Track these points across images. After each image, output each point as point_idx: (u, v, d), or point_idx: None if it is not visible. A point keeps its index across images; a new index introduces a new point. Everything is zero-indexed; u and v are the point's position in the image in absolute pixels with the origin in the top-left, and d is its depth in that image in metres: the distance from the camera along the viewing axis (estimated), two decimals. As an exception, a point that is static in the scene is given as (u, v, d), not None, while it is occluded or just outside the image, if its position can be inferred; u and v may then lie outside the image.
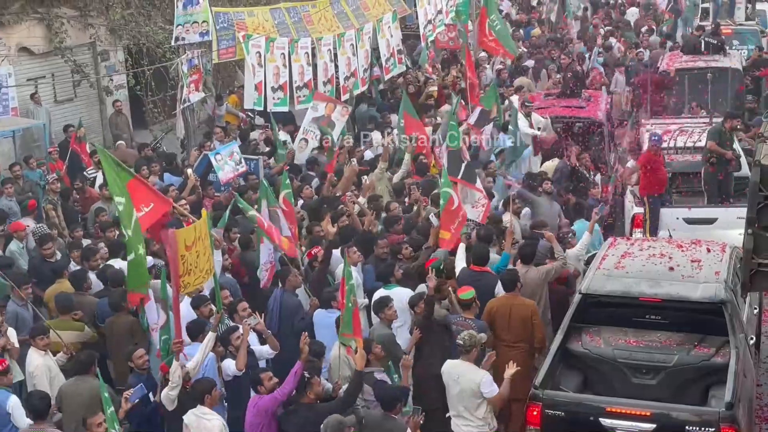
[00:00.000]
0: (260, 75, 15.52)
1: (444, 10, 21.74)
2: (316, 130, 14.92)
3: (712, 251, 9.74)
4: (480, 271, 10.10)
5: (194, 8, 14.92)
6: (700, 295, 8.79)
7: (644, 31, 25.33)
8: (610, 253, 9.83)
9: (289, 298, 10.01)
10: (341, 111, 15.38)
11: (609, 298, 9.07)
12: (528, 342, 9.41)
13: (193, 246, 7.95)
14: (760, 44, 22.33)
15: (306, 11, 17.62)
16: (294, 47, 16.18)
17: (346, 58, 17.49)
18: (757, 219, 6.47)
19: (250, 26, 15.80)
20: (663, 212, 13.01)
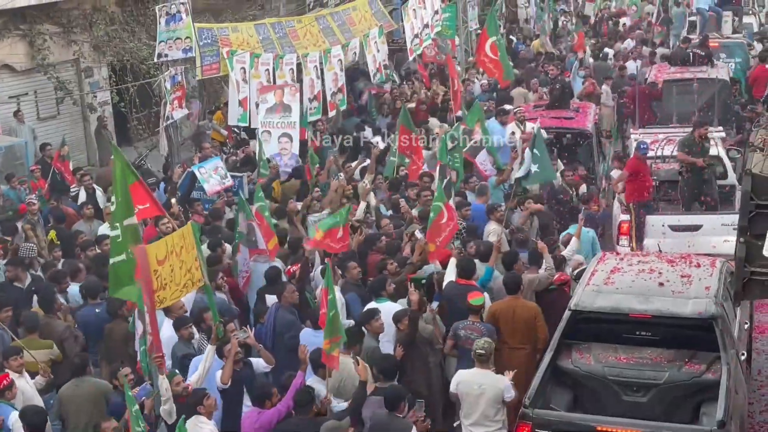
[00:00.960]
0: (245, 91, 15.46)
1: (430, 25, 21.71)
2: (276, 118, 14.95)
3: (702, 266, 9.73)
4: (466, 284, 10.08)
5: (177, 24, 14.85)
6: (691, 311, 8.78)
7: (631, 44, 25.50)
8: (599, 269, 9.81)
9: (283, 314, 9.95)
10: (290, 91, 15.37)
11: (599, 314, 9.05)
12: (531, 344, 9.53)
13: (166, 260, 7.93)
14: (747, 57, 22.55)
15: (291, 26, 17.58)
16: (279, 63, 16.08)
17: (333, 74, 17.45)
18: (749, 227, 6.53)
19: (234, 42, 15.73)
20: (649, 219, 13.15)
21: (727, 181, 14.39)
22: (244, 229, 10.70)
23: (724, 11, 25.26)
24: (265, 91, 15.30)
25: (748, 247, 6.58)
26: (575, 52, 24.70)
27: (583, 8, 33.34)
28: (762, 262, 6.51)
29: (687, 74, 18.59)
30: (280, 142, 15.16)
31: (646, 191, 13.39)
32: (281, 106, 15.31)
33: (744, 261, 6.67)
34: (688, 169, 13.63)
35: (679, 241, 12.63)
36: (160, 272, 7.85)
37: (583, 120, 16.47)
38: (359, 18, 20.02)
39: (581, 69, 21.74)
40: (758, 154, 7.11)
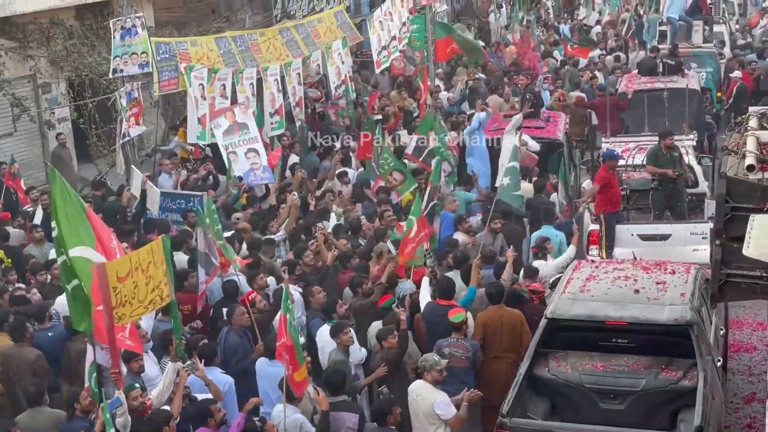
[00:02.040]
0: (204, 107, 15.27)
1: (398, 37, 21.67)
2: (236, 138, 14.93)
3: (677, 273, 9.85)
4: (447, 305, 10.04)
5: (132, 39, 14.69)
6: (667, 318, 8.90)
7: (597, 54, 25.70)
8: (575, 277, 9.92)
9: (232, 337, 9.82)
10: (241, 110, 15.32)
11: (575, 322, 9.17)
12: (515, 351, 9.65)
13: (129, 277, 7.84)
14: (718, 66, 22.75)
15: (254, 40, 17.46)
16: (239, 78, 15.93)
17: (291, 88, 17.34)
18: (725, 230, 6.66)
19: (193, 56, 15.58)
20: (618, 229, 13.31)
21: (698, 189, 14.55)
22: (203, 247, 10.55)
23: (694, 20, 25.29)
24: (215, 115, 15.22)
25: (724, 249, 6.69)
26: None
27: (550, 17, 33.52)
28: (738, 264, 6.61)
29: (658, 84, 18.77)
30: (248, 158, 15.11)
31: (615, 201, 13.50)
32: (237, 126, 15.28)
33: (720, 263, 6.79)
34: (659, 181, 13.81)
35: (648, 251, 12.78)
36: (120, 289, 7.76)
37: (554, 129, 16.63)
38: (324, 30, 19.97)
39: (545, 80, 21.91)
40: (732, 157, 7.25)
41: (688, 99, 17.42)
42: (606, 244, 13.21)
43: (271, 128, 16.72)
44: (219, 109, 15.37)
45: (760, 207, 6.36)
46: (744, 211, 6.43)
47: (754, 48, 26.01)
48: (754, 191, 6.44)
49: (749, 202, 6.44)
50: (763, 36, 27.99)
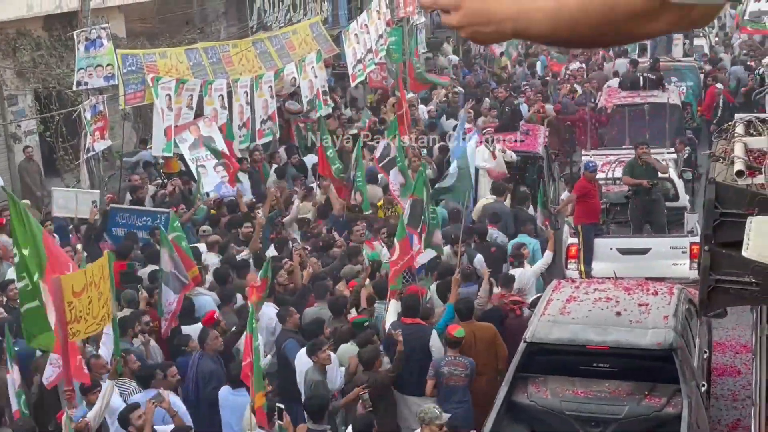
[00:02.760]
0: (170, 119, 14.82)
1: (374, 50, 21.30)
2: (203, 152, 14.74)
3: (659, 294, 9.71)
4: (412, 323, 9.77)
5: (98, 50, 14.24)
6: (650, 342, 8.73)
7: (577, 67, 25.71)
8: (554, 298, 9.73)
9: (205, 363, 9.43)
10: (205, 124, 15.10)
11: (555, 346, 8.98)
12: (492, 367, 9.57)
13: (84, 292, 7.83)
14: (699, 80, 22.74)
15: (226, 51, 17.03)
16: (208, 89, 15.50)
17: (263, 101, 16.93)
18: (714, 236, 6.58)
19: (162, 68, 15.16)
20: (597, 242, 13.13)
21: (678, 203, 14.44)
22: (167, 266, 10.36)
23: (674, 34, 25.06)
24: (180, 130, 14.95)
25: (713, 255, 6.59)
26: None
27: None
28: (727, 270, 6.52)
29: (638, 99, 18.72)
30: (218, 172, 14.88)
31: (594, 213, 13.33)
32: (201, 140, 15.06)
33: (709, 269, 6.65)
34: (635, 191, 13.72)
35: (627, 265, 12.64)
36: (75, 304, 7.73)
37: (533, 143, 16.51)
38: (299, 42, 19.60)
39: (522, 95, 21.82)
40: (720, 164, 7.29)
41: (669, 114, 17.33)
42: (584, 258, 13.02)
43: (239, 141, 16.23)
44: (183, 123, 15.09)
45: (749, 212, 6.31)
46: (733, 216, 6.45)
47: (739, 61, 25.78)
48: (743, 197, 6.48)
49: (738, 208, 6.45)
50: (741, 48, 27.85)
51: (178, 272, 10.39)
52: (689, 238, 12.94)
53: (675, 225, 14.16)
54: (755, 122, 7.79)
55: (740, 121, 7.94)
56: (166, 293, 10.33)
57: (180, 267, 10.43)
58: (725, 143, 7.64)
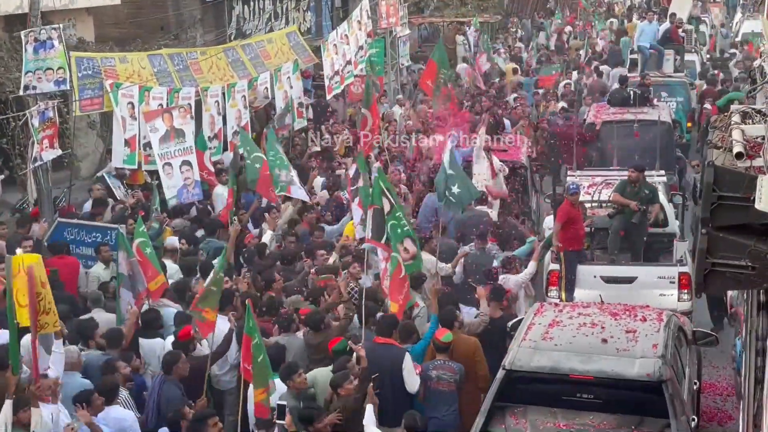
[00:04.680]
0: (133, 128, 13.88)
1: (353, 61, 20.35)
2: (172, 147, 14.04)
3: (648, 320, 9.27)
4: (384, 343, 9.35)
5: (48, 53, 13.29)
6: (638, 373, 8.31)
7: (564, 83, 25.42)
8: (536, 322, 9.28)
9: (169, 388, 8.83)
10: (180, 114, 14.33)
11: (536, 374, 8.56)
12: (473, 382, 9.31)
13: (48, 283, 7.75)
14: (689, 96, 22.30)
15: (194, 58, 16.06)
16: (174, 98, 14.50)
17: (236, 111, 16.03)
18: (711, 219, 6.57)
19: (121, 74, 14.25)
20: (580, 269, 12.55)
21: (668, 229, 13.73)
22: (125, 269, 10.05)
23: (665, 49, 24.86)
24: (151, 117, 14.10)
25: (709, 238, 6.57)
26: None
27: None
28: (723, 254, 6.54)
29: (627, 115, 18.13)
30: (183, 172, 14.17)
31: (578, 240, 12.69)
32: (173, 132, 14.27)
33: (705, 252, 6.63)
34: (618, 211, 13.25)
35: (611, 294, 11.98)
36: (44, 295, 7.64)
37: (516, 152, 16.17)
38: (275, 51, 18.74)
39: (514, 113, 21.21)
40: (717, 151, 7.29)
41: (659, 132, 16.69)
42: (566, 286, 12.43)
43: (210, 153, 15.26)
44: (156, 109, 14.34)
45: (747, 197, 6.29)
46: (731, 200, 6.44)
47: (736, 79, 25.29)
48: (741, 180, 6.45)
49: (736, 192, 6.43)
50: (736, 68, 27.10)
51: (134, 279, 10.04)
52: (678, 268, 12.39)
53: (664, 253, 13.56)
54: (751, 113, 7.76)
55: (736, 111, 7.88)
56: (125, 297, 10.01)
57: (138, 273, 10.04)
58: (720, 133, 7.60)
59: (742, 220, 6.37)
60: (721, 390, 11.38)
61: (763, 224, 6.29)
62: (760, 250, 6.20)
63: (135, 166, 14.30)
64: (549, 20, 39.58)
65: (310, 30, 24.63)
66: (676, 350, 8.96)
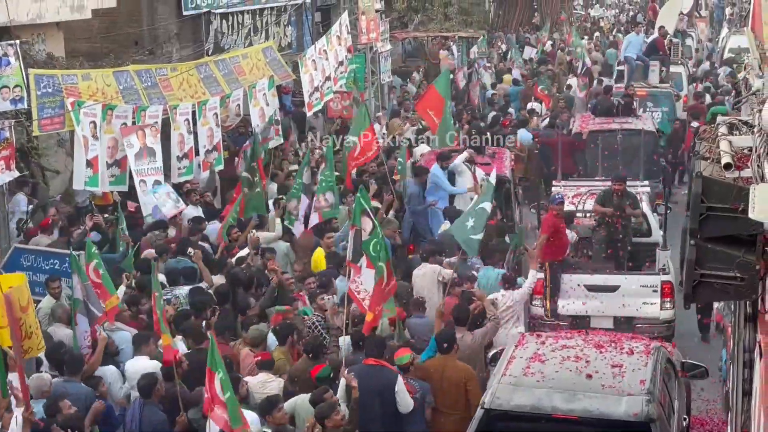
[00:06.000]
0: (95, 149, 13.19)
1: (333, 77, 19.69)
2: (145, 165, 13.64)
3: (635, 353, 8.81)
4: (376, 364, 8.96)
5: (3, 70, 12.60)
6: (624, 412, 7.91)
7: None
8: (517, 355, 8.86)
9: (151, 412, 8.53)
10: (151, 132, 13.87)
11: (516, 413, 8.13)
12: (462, 410, 8.99)
13: (29, 306, 7.85)
14: (674, 107, 22.50)
15: (164, 75, 15.34)
16: (140, 116, 13.82)
17: (207, 129, 15.32)
18: (699, 230, 6.59)
19: (84, 92, 13.53)
20: (564, 278, 12.62)
21: (651, 239, 13.93)
22: (80, 294, 9.67)
23: (651, 61, 24.87)
24: (127, 132, 13.57)
25: (698, 249, 6.58)
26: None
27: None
28: (712, 265, 6.54)
29: (613, 125, 18.47)
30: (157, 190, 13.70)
31: (562, 250, 12.77)
32: (146, 150, 13.80)
33: (694, 263, 6.64)
34: (600, 223, 13.48)
35: (595, 303, 12.40)
36: (24, 319, 7.70)
37: (499, 166, 15.95)
38: (250, 67, 18.03)
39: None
40: (705, 162, 7.43)
41: (644, 142, 16.94)
42: (550, 295, 12.49)
43: (178, 174, 14.55)
44: (130, 126, 13.83)
45: (735, 207, 6.34)
46: (719, 211, 6.48)
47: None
48: (729, 191, 6.52)
49: (725, 202, 6.48)
50: (726, 81, 26.92)
51: (91, 303, 9.74)
52: (661, 277, 12.53)
53: (647, 262, 13.74)
54: (738, 124, 7.86)
55: (723, 123, 7.98)
56: (82, 324, 9.67)
57: (93, 296, 9.75)
58: (707, 144, 7.71)
59: (730, 231, 6.42)
60: (712, 426, 10.81)
61: (751, 235, 6.31)
62: (749, 261, 6.28)
63: (97, 187, 13.61)
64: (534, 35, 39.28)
65: (291, 45, 24.00)
66: (664, 385, 8.57)
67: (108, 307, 9.94)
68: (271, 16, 23.07)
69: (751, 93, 10.07)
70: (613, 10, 57.25)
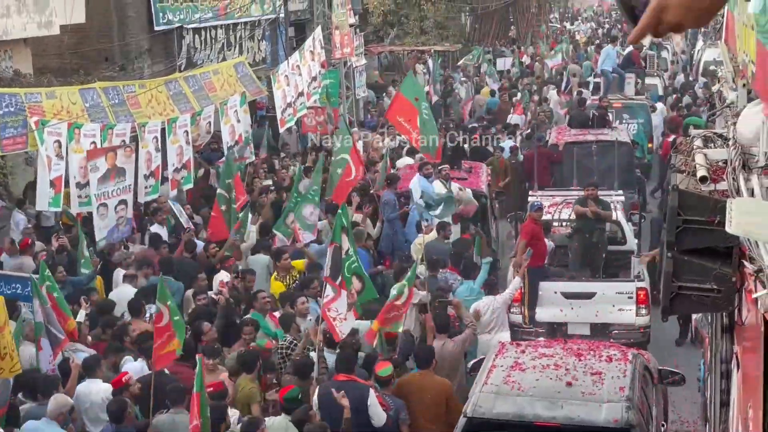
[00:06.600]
0: (59, 168, 12.77)
1: (306, 93, 19.39)
2: (111, 187, 13.29)
3: (613, 360, 8.92)
4: (347, 380, 8.91)
5: (-37, 90, 12.18)
6: (605, 419, 7.96)
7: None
8: (498, 364, 8.90)
9: None
10: (124, 153, 13.55)
11: (498, 421, 8.15)
12: (441, 424, 9.02)
13: (6, 326, 7.83)
14: (649, 118, 22.56)
15: (131, 92, 14.99)
16: (107, 135, 13.47)
17: (177, 147, 14.95)
18: (676, 243, 6.66)
19: (48, 110, 13.17)
20: (541, 286, 12.80)
21: (626, 246, 14.22)
22: (41, 318, 9.50)
23: (627, 73, 25.27)
24: (93, 156, 13.18)
25: (675, 261, 6.66)
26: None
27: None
28: (689, 277, 6.61)
29: (588, 136, 18.69)
30: (117, 212, 13.37)
31: (541, 257, 12.94)
32: (115, 171, 13.43)
33: (672, 276, 6.70)
34: (576, 230, 13.69)
35: (572, 310, 12.58)
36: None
37: (476, 180, 16.20)
38: (221, 83, 17.70)
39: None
40: (681, 175, 7.44)
41: (618, 152, 17.12)
42: (528, 302, 12.65)
43: (145, 192, 14.20)
44: (102, 147, 13.51)
45: (711, 220, 6.41)
46: (695, 224, 6.58)
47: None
48: (706, 204, 6.60)
49: (701, 215, 6.56)
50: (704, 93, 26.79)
51: (52, 326, 9.55)
52: (636, 283, 12.83)
53: (622, 270, 14.02)
54: (712, 137, 7.94)
55: (698, 136, 8.07)
56: (46, 348, 9.53)
57: (53, 319, 9.58)
58: (683, 157, 7.79)
59: (707, 244, 6.47)
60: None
61: (727, 247, 6.36)
62: (725, 273, 6.34)
63: (60, 208, 13.23)
64: (510, 48, 39.16)
65: (265, 59, 23.75)
66: (642, 392, 8.63)
67: (68, 329, 9.85)
68: (245, 31, 22.81)
69: (726, 105, 10.13)
70: (590, 23, 57.46)
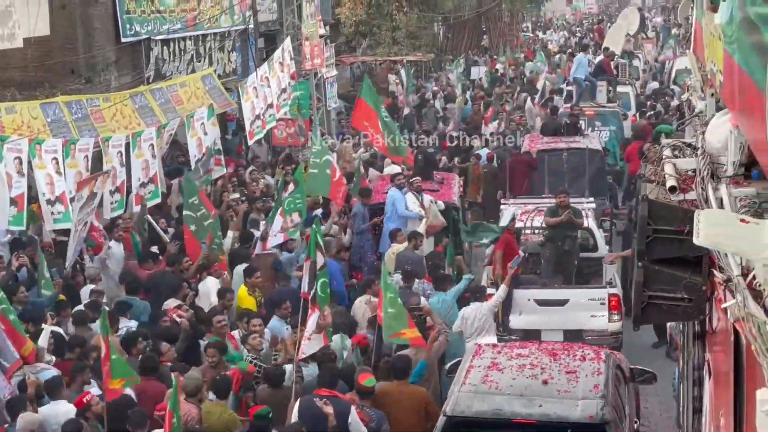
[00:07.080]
0: (21, 186, 12.40)
1: (275, 104, 19.15)
2: (85, 213, 12.89)
3: (587, 359, 9.12)
4: (328, 395, 8.86)
5: None
6: (581, 415, 8.18)
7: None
8: (475, 365, 9.12)
9: None
10: (102, 180, 13.26)
11: (477, 419, 8.36)
12: (420, 429, 9.13)
13: None
14: (621, 125, 22.76)
15: (95, 106, 14.71)
16: (70, 150, 13.14)
17: (142, 161, 14.61)
18: (646, 252, 6.76)
19: (7, 126, 12.94)
20: (515, 293, 12.87)
21: (597, 253, 14.45)
22: None
23: (598, 81, 25.26)
24: (82, 186, 12.81)
25: (646, 271, 6.77)
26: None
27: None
28: (660, 287, 6.73)
29: (560, 144, 18.83)
30: (80, 232, 12.98)
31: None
32: (90, 197, 13.04)
33: (642, 285, 6.81)
34: (549, 238, 13.82)
35: (545, 317, 12.71)
36: None
37: (448, 192, 16.18)
38: (188, 96, 17.48)
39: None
40: (651, 185, 7.56)
41: (589, 160, 17.38)
42: (503, 310, 12.62)
43: (111, 208, 13.89)
44: (85, 178, 13.15)
45: (681, 230, 6.49)
46: (665, 233, 6.68)
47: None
48: (675, 214, 6.72)
49: (671, 225, 6.68)
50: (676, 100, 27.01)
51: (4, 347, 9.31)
52: (608, 290, 13.06)
53: (593, 276, 14.25)
54: (682, 146, 8.01)
55: (667, 145, 8.13)
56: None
57: (4, 344, 9.30)
58: (653, 167, 7.84)
59: (677, 253, 6.51)
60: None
61: (697, 257, 6.37)
62: (695, 283, 6.42)
63: (23, 227, 12.86)
64: (483, 58, 39.13)
65: (235, 71, 23.48)
66: (616, 390, 8.86)
67: (27, 352, 9.58)
68: (215, 42, 22.52)
69: (694, 115, 10.12)
70: (562, 32, 57.70)
